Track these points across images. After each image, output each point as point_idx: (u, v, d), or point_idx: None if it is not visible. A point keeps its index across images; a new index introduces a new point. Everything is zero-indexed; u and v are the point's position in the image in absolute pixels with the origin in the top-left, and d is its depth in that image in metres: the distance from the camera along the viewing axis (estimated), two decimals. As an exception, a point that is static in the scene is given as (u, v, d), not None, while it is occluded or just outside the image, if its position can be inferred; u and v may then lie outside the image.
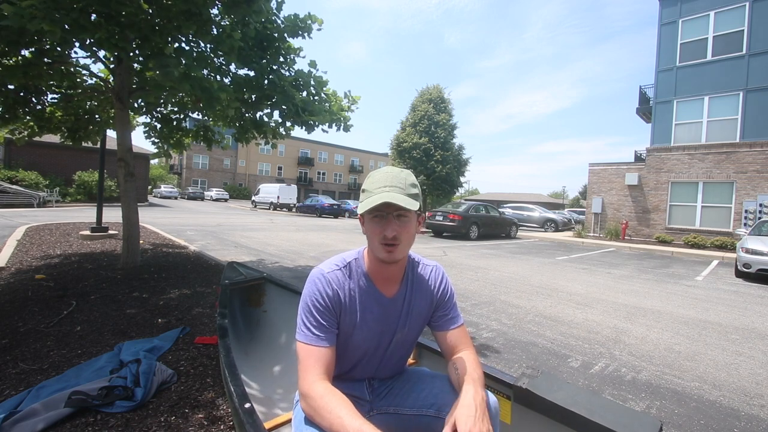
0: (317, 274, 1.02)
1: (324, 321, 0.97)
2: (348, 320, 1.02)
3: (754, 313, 4.48)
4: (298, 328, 0.98)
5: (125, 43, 3.14)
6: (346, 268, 1.05)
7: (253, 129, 4.95)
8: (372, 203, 0.93)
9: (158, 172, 45.96)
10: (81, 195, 18.03)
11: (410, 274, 1.12)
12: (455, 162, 23.83)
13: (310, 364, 0.92)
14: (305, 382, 0.90)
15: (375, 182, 0.98)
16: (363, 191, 1.00)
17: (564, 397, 1.08)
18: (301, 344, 0.95)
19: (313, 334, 0.95)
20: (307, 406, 0.87)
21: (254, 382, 1.88)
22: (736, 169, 12.34)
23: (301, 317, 0.98)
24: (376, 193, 0.95)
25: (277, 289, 2.37)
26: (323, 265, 1.05)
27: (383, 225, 0.96)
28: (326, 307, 0.98)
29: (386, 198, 0.92)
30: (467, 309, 3.93)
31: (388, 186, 0.96)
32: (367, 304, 1.04)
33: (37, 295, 3.32)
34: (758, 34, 11.99)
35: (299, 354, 0.95)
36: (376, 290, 1.05)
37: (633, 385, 2.41)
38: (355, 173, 56.53)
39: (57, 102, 4.62)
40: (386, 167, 1.02)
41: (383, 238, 0.96)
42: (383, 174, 0.99)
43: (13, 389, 1.83)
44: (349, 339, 1.04)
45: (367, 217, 0.99)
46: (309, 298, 0.99)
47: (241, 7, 3.33)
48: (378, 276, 1.06)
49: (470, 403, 0.89)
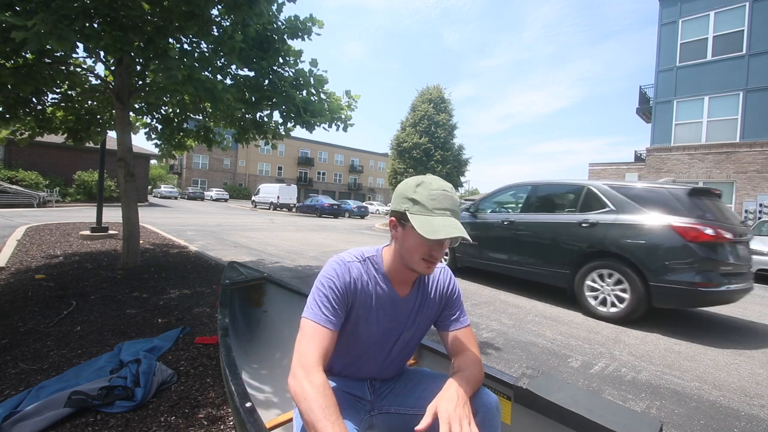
0: (338, 260, 1.01)
1: (336, 305, 0.96)
2: (360, 312, 1.02)
3: (754, 313, 4.48)
4: (308, 307, 0.96)
5: (129, 45, 3.14)
6: (365, 262, 1.05)
7: (254, 129, 4.96)
8: (445, 233, 0.89)
9: (158, 172, 45.97)
10: (81, 195, 18.03)
11: (424, 277, 1.13)
12: (455, 162, 23.86)
13: (313, 342, 0.89)
14: (304, 358, 0.86)
15: (435, 200, 0.93)
16: (414, 202, 0.94)
17: (564, 398, 1.08)
18: (308, 321, 0.93)
19: (323, 314, 0.93)
20: (296, 384, 0.83)
21: (255, 381, 1.88)
22: (736, 169, 12.34)
23: (313, 296, 0.97)
24: (438, 215, 0.92)
25: (278, 289, 2.37)
26: (344, 254, 1.05)
27: (436, 247, 0.95)
28: (342, 292, 0.97)
29: (458, 232, 0.90)
30: (467, 309, 3.92)
31: (449, 210, 0.94)
32: (381, 300, 1.04)
33: (37, 295, 3.32)
34: (758, 34, 11.99)
35: (303, 330, 0.92)
36: (392, 289, 1.06)
37: (633, 385, 2.41)
38: (355, 173, 56.54)
39: (57, 102, 4.62)
40: (439, 182, 0.97)
41: (429, 257, 0.96)
42: (442, 192, 0.94)
43: (13, 389, 1.83)
44: (356, 331, 1.03)
45: (415, 233, 0.92)
46: (326, 280, 0.97)
47: (242, 9, 3.33)
48: (395, 276, 1.06)
49: (452, 394, 0.91)
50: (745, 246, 3.76)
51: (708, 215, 3.52)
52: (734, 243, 3.53)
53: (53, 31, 2.42)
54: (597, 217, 4.04)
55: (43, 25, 2.36)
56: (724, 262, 3.39)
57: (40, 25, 2.36)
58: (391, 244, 1.06)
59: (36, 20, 2.34)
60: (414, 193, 0.95)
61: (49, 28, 2.40)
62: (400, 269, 1.04)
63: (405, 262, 1.01)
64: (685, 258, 3.36)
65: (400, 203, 0.97)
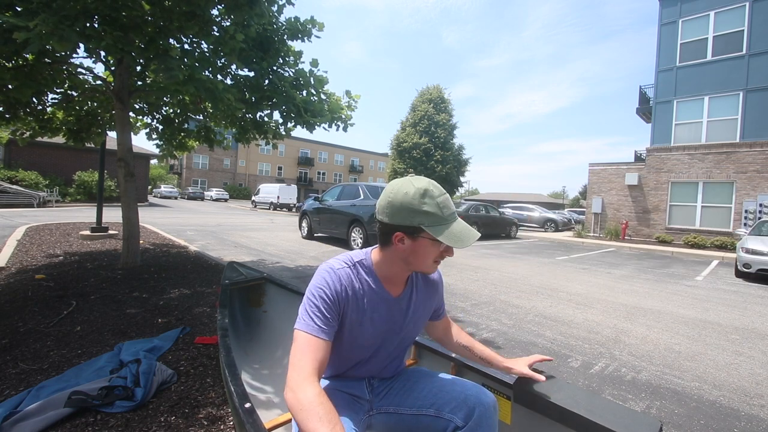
0: (327, 269, 1.01)
1: (328, 314, 0.95)
2: (355, 318, 1.01)
3: (754, 313, 4.48)
4: (300, 318, 0.95)
5: (130, 45, 3.14)
6: (355, 267, 1.04)
7: (254, 129, 4.96)
8: (469, 238, 0.95)
9: (158, 172, 46.00)
10: (81, 195, 18.03)
11: (414, 274, 1.13)
12: (455, 162, 23.87)
13: (307, 354, 0.89)
14: (297, 372, 0.86)
15: (444, 207, 0.96)
16: (427, 214, 0.94)
17: (564, 398, 1.08)
18: (301, 333, 0.92)
19: (315, 325, 0.93)
20: (292, 397, 0.83)
21: (254, 381, 1.88)
22: (736, 169, 12.34)
23: (304, 307, 0.96)
24: (452, 220, 0.96)
25: (278, 290, 2.37)
26: (332, 261, 1.04)
27: (449, 248, 0.99)
28: (333, 301, 0.96)
29: (476, 234, 0.98)
30: (467, 309, 3.94)
31: (454, 210, 0.99)
32: (374, 303, 1.04)
33: (37, 295, 3.32)
34: (758, 34, 11.99)
35: (296, 342, 0.92)
36: (384, 290, 1.06)
37: (633, 385, 2.41)
38: (355, 173, 56.53)
39: (58, 102, 4.62)
40: (437, 186, 1.00)
41: (441, 258, 1.01)
42: (445, 197, 0.98)
43: (13, 389, 1.83)
44: (355, 336, 1.03)
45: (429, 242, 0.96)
46: (316, 290, 0.97)
47: (242, 9, 3.33)
48: (386, 277, 1.06)
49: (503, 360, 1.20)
50: None
51: None
52: None
53: (54, 32, 2.42)
54: (357, 201, 7.92)
55: (44, 25, 2.36)
56: None
57: (42, 26, 2.36)
58: (383, 248, 1.03)
59: (37, 21, 2.34)
60: (423, 205, 0.94)
61: (51, 29, 2.40)
62: (394, 271, 1.04)
63: (413, 268, 1.03)
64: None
65: (409, 217, 0.94)
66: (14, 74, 3.22)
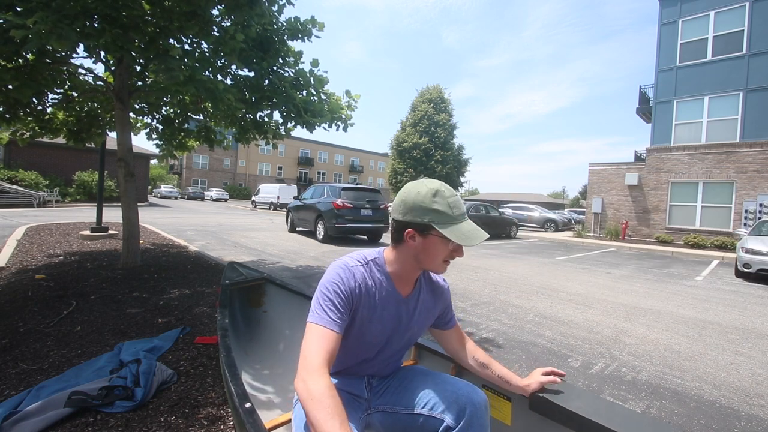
0: (341, 265, 1.02)
1: (341, 308, 0.96)
2: (366, 314, 1.03)
3: (754, 313, 4.48)
4: (312, 311, 0.96)
5: (129, 44, 3.14)
6: (368, 265, 1.06)
7: (254, 129, 4.96)
8: (479, 239, 0.99)
9: (158, 172, 46.01)
10: (81, 195, 18.03)
11: (422, 277, 1.17)
12: (455, 162, 23.89)
13: (319, 344, 0.89)
14: (309, 363, 0.86)
15: (455, 207, 0.99)
16: (438, 213, 0.97)
17: (564, 398, 1.09)
18: (314, 325, 0.93)
19: (328, 317, 0.94)
20: (303, 387, 0.83)
21: (255, 382, 1.88)
22: (736, 169, 12.34)
23: (318, 301, 0.97)
24: (462, 220, 1.00)
25: (278, 290, 2.37)
26: (346, 259, 1.06)
27: (459, 249, 1.03)
28: (347, 296, 0.98)
29: (484, 234, 1.01)
30: (467, 309, 3.94)
31: (464, 211, 1.02)
32: (385, 301, 1.06)
33: (37, 295, 3.33)
34: (758, 34, 11.99)
35: (309, 334, 0.92)
36: (394, 288, 1.08)
37: (633, 385, 2.41)
38: (355, 173, 56.54)
39: (58, 103, 4.62)
40: (448, 188, 1.03)
41: (451, 258, 1.04)
42: (456, 198, 1.01)
43: (13, 389, 1.83)
44: (363, 332, 1.05)
45: (439, 240, 0.99)
46: (331, 285, 0.98)
47: (243, 9, 3.33)
48: (398, 277, 1.08)
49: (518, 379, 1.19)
50: (366, 209, 8.97)
51: (345, 198, 8.78)
52: (355, 208, 8.77)
53: (53, 30, 2.42)
54: (321, 199, 9.34)
55: (43, 24, 2.36)
56: (344, 217, 8.61)
57: (41, 25, 2.36)
58: (396, 246, 1.07)
59: (36, 18, 2.34)
60: (434, 204, 0.98)
61: (50, 28, 2.40)
62: (406, 269, 1.07)
63: (423, 266, 1.06)
64: (334, 215, 8.61)
65: (420, 214, 0.98)
66: (14, 75, 3.21)
